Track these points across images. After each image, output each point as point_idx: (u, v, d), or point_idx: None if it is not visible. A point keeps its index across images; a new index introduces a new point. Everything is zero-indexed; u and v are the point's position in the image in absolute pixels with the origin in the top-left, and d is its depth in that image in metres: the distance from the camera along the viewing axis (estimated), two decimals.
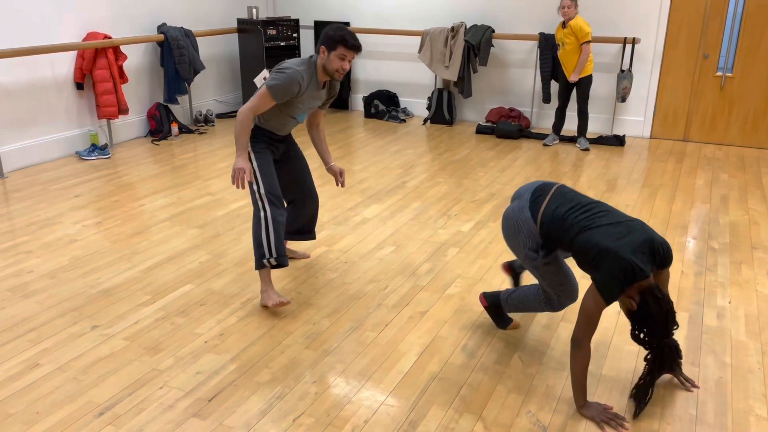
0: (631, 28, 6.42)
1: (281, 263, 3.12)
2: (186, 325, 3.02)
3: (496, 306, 2.95)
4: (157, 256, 3.77)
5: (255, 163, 3.08)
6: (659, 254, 2.28)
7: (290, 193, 3.41)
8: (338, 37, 2.90)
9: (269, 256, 3.09)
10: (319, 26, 7.75)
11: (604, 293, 2.26)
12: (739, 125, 6.36)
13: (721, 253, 3.88)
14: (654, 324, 2.26)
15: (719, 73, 6.30)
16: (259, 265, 3.12)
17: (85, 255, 3.77)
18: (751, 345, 2.90)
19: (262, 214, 3.07)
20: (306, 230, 3.56)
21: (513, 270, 3.22)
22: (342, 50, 2.92)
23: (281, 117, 3.11)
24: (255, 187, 3.08)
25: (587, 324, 2.32)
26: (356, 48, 2.93)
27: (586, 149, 6.20)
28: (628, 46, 6.42)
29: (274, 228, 3.07)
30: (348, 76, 7.72)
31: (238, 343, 2.88)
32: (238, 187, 2.95)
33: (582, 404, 2.42)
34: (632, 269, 2.21)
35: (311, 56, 3.03)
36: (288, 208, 3.47)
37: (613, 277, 2.24)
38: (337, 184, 3.36)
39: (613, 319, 3.11)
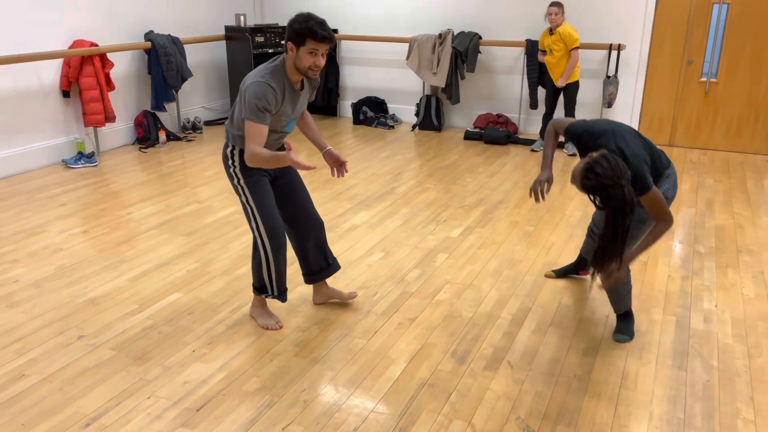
0: (617, 34, 6.48)
1: (281, 300, 3.06)
2: (173, 334, 3.00)
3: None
4: (145, 264, 3.74)
5: (250, 198, 2.82)
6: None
7: (289, 219, 3.04)
8: (305, 29, 2.53)
9: (270, 293, 3.03)
10: None
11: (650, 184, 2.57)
12: (723, 130, 6.43)
13: (708, 257, 3.91)
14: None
15: (703, 79, 6.37)
16: (258, 294, 3.07)
17: (72, 264, 3.74)
18: (738, 348, 2.92)
19: (262, 252, 2.89)
20: (320, 267, 3.18)
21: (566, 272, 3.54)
22: (311, 44, 2.54)
23: (269, 135, 2.78)
24: (254, 224, 2.86)
25: (663, 205, 2.60)
26: (327, 39, 2.54)
27: (573, 154, 6.24)
28: (614, 53, 6.48)
29: (276, 267, 2.94)
30: (336, 82, 7.74)
31: (227, 351, 2.87)
32: (306, 170, 2.59)
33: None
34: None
35: (274, 59, 2.69)
36: (291, 241, 3.14)
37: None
38: (334, 174, 2.99)
39: (601, 326, 3.13)
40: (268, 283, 3.00)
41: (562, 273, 3.60)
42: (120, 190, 5.06)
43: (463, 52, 6.81)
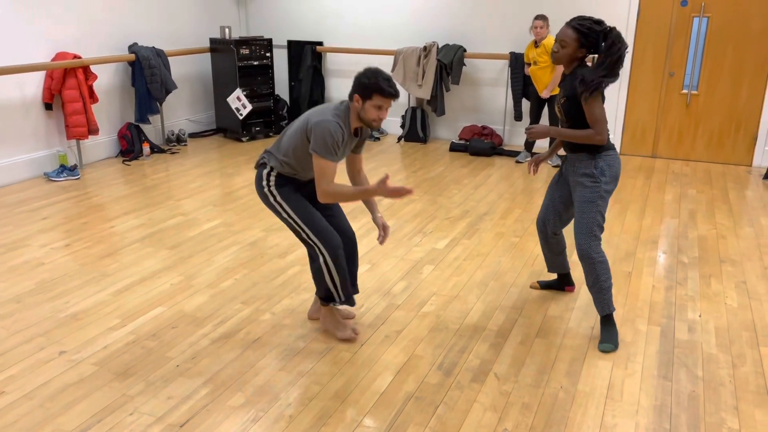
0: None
1: (350, 304, 3.04)
2: (157, 349, 2.96)
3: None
4: (128, 278, 3.70)
5: (291, 211, 2.86)
6: None
7: None
8: (373, 85, 2.67)
9: (338, 300, 3.00)
10: (292, 46, 7.77)
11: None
12: (705, 141, 6.51)
13: (691, 267, 3.94)
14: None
15: (685, 91, 6.46)
16: (326, 303, 3.04)
17: (53, 278, 3.69)
18: (722, 358, 2.94)
19: (321, 260, 2.87)
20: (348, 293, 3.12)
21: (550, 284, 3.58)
22: (378, 99, 2.69)
23: (308, 165, 2.86)
24: (304, 235, 2.86)
25: (603, 117, 2.87)
26: (393, 95, 2.70)
27: (557, 166, 6.28)
28: None
29: (337, 271, 2.91)
30: (322, 94, 7.75)
31: (211, 366, 2.83)
32: (404, 196, 2.61)
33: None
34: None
35: (342, 102, 2.84)
36: None
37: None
38: (378, 238, 3.05)
39: (587, 337, 3.13)
40: (333, 291, 2.97)
41: (546, 285, 3.61)
42: (103, 203, 5.02)
43: (448, 64, 6.85)
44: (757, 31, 6.05)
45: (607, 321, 3.07)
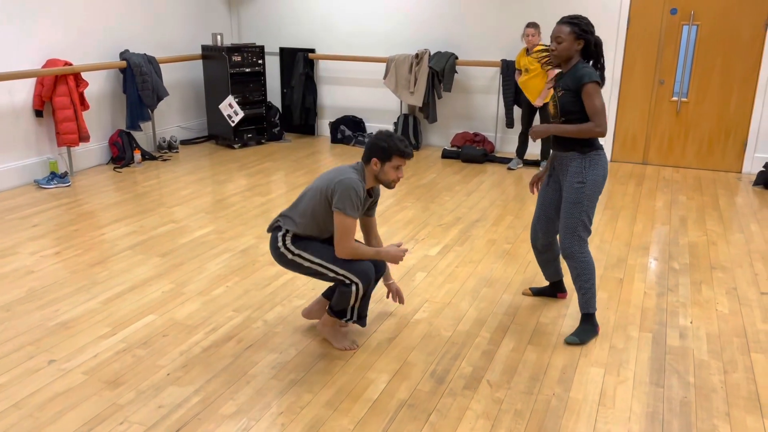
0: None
1: (361, 324, 3.05)
2: (147, 357, 2.94)
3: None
4: (118, 286, 3.68)
5: (310, 256, 2.89)
6: None
7: None
8: (392, 148, 2.80)
9: (349, 318, 2.99)
10: (284, 53, 7.78)
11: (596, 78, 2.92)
12: (695, 148, 6.56)
13: (682, 273, 3.96)
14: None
15: (675, 98, 6.51)
16: (334, 316, 3.03)
17: (43, 286, 3.66)
18: (713, 364, 2.95)
19: (354, 288, 2.87)
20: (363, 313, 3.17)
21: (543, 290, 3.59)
22: (397, 160, 2.82)
23: (326, 225, 2.94)
24: (332, 275, 2.88)
25: (602, 106, 2.91)
26: (410, 156, 2.84)
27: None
28: None
29: (364, 299, 2.94)
30: (314, 101, 7.75)
31: (202, 374, 2.81)
32: (402, 258, 2.89)
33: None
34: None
35: (357, 163, 2.93)
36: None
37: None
38: (390, 296, 3.15)
39: (578, 345, 3.14)
40: (349, 312, 2.98)
41: (538, 292, 3.62)
42: (93, 211, 4.99)
43: (440, 71, 6.87)
44: (746, 39, 6.11)
45: (586, 319, 3.15)
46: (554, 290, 3.58)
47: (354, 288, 2.87)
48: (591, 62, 3.05)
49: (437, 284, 3.76)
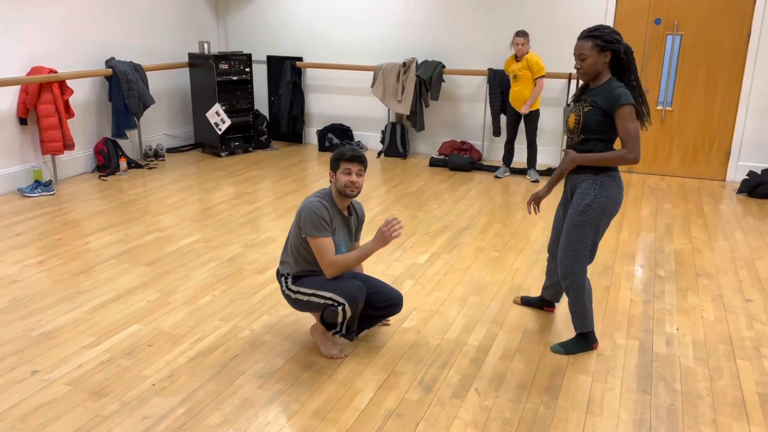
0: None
1: (349, 339, 3.04)
2: (132, 368, 2.91)
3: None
4: (103, 295, 3.63)
5: (305, 289, 2.93)
6: None
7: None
8: (337, 154, 2.92)
9: (338, 331, 2.98)
10: (272, 61, 7.77)
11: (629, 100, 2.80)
12: (679, 157, 6.62)
13: (668, 280, 3.98)
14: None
15: (659, 107, 6.57)
16: (324, 326, 3.02)
17: (26, 296, 3.61)
18: (699, 371, 2.97)
19: (341, 309, 2.87)
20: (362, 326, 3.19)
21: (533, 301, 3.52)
22: (344, 165, 2.88)
23: (312, 256, 2.98)
24: (322, 302, 2.90)
25: (636, 130, 2.80)
26: (356, 158, 2.88)
27: (536, 181, 6.34)
28: (573, 82, 6.65)
29: (353, 317, 2.93)
30: (302, 109, 7.74)
31: (188, 384, 2.78)
32: (392, 236, 2.86)
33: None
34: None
35: (323, 189, 3.01)
36: None
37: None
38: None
39: (564, 358, 3.14)
40: (339, 324, 2.96)
41: (527, 302, 3.60)
42: (78, 219, 4.94)
43: (427, 80, 6.90)
44: (729, 49, 6.19)
45: (579, 337, 3.12)
46: (543, 304, 3.55)
47: (341, 309, 2.87)
48: (624, 75, 2.86)
49: (425, 292, 3.75)
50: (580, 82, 3.46)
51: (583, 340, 3.11)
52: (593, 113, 2.85)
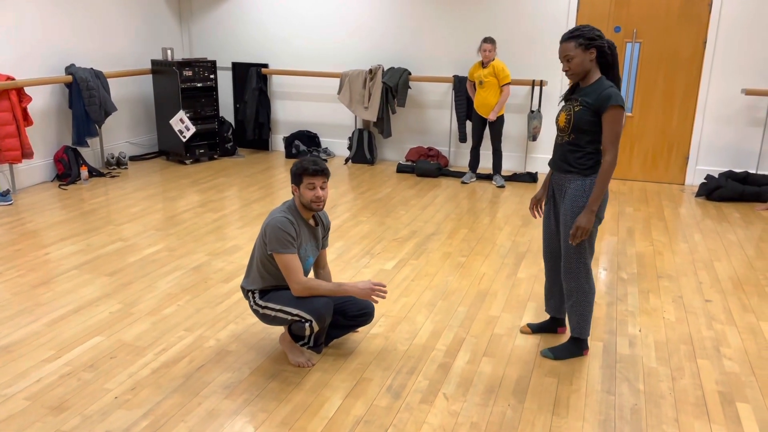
0: (539, 71, 6.76)
1: (317, 351, 3.03)
2: (94, 381, 2.84)
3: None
4: (63, 307, 3.54)
5: (272, 305, 2.91)
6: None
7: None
8: (299, 169, 2.86)
9: (306, 343, 2.96)
10: (237, 67, 7.71)
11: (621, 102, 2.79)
12: (640, 161, 6.77)
13: (630, 282, 4.06)
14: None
15: None
16: (292, 338, 3.00)
17: None
18: (662, 371, 3.03)
19: (307, 325, 2.85)
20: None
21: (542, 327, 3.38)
22: (307, 179, 2.85)
23: (277, 271, 2.97)
24: (289, 318, 2.88)
25: (619, 132, 2.81)
26: (319, 172, 2.84)
27: (502, 186, 6.40)
28: (537, 88, 6.75)
29: (318, 331, 2.91)
30: (268, 116, 7.70)
31: (152, 396, 2.73)
32: (376, 295, 2.88)
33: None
34: None
35: (285, 202, 2.99)
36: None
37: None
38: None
39: (533, 354, 3.17)
40: (307, 337, 2.95)
41: (538, 329, 3.37)
42: (37, 230, 4.81)
43: (394, 87, 6.93)
44: (686, 57, 6.37)
45: (574, 341, 3.12)
46: (555, 325, 3.36)
47: (308, 325, 2.86)
48: (610, 71, 2.88)
49: (393, 298, 3.75)
50: (543, 90, 3.52)
51: (575, 346, 3.11)
52: (583, 113, 2.85)
